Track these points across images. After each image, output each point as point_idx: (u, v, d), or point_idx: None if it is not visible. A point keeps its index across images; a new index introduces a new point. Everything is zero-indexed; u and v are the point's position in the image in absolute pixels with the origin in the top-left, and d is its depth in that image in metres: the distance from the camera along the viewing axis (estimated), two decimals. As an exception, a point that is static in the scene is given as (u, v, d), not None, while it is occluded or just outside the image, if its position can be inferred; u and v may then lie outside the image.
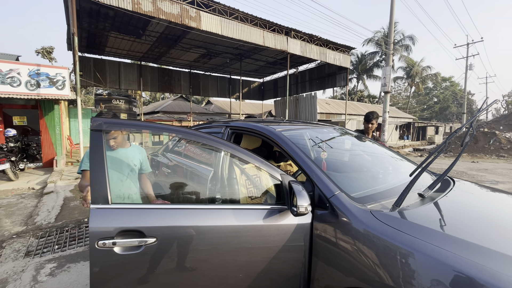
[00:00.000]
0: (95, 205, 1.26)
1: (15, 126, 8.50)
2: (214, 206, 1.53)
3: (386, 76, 12.78)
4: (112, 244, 1.22)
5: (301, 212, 1.31)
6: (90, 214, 1.24)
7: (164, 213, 1.34)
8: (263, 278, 1.42)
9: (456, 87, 45.52)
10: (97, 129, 1.34)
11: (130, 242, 1.25)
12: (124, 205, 1.35)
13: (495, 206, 1.70)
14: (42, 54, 16.09)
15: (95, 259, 1.23)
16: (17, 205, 4.88)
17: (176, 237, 1.31)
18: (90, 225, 1.23)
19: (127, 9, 8.55)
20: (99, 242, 1.21)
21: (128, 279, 1.29)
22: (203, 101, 35.25)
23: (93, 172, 1.30)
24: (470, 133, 1.66)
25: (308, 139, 2.04)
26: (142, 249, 1.26)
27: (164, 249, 1.29)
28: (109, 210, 1.27)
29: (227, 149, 1.65)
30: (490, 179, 7.55)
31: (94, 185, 1.28)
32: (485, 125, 17.51)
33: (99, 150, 1.32)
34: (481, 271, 0.93)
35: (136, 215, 1.30)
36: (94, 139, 1.33)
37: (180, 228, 1.32)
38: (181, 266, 1.34)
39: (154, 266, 1.29)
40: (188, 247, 1.33)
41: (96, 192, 1.27)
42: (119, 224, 1.26)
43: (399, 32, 31.64)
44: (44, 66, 7.93)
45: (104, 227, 1.24)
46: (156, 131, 2.06)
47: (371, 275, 1.15)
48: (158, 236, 1.28)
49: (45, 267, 2.73)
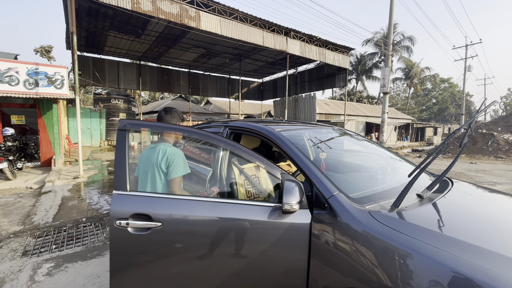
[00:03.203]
0: (116, 191, 1.49)
1: (13, 125, 8.48)
2: (213, 199, 1.59)
3: (385, 77, 12.82)
4: (126, 224, 1.43)
5: (287, 210, 1.31)
6: (112, 198, 1.48)
7: (169, 202, 1.51)
8: (257, 272, 1.45)
9: (454, 89, 45.70)
10: (123, 129, 1.55)
11: (140, 224, 1.44)
12: (138, 192, 1.57)
13: (493, 207, 1.70)
14: (41, 53, 16.04)
15: (114, 236, 1.45)
16: (14, 204, 4.86)
17: (179, 223, 1.47)
18: (111, 207, 1.46)
19: (126, 8, 8.54)
20: (116, 221, 1.43)
21: (139, 256, 1.48)
22: (202, 101, 35.24)
23: (117, 164, 1.51)
24: (468, 134, 1.66)
25: (307, 140, 2.04)
26: (150, 231, 1.44)
27: (168, 233, 1.45)
28: (126, 196, 1.49)
29: (232, 149, 1.72)
30: (488, 180, 7.58)
31: (117, 175, 1.51)
32: (483, 126, 17.58)
33: (123, 147, 1.54)
34: (479, 272, 0.93)
35: (146, 202, 1.50)
36: (120, 137, 1.55)
37: (182, 216, 1.47)
38: (183, 251, 1.48)
39: (160, 247, 1.46)
40: (189, 234, 1.47)
41: (118, 181, 1.49)
42: (132, 208, 1.46)
43: (398, 33, 31.74)
44: (42, 65, 7.90)
45: (121, 209, 1.45)
46: (174, 132, 1.94)
47: (369, 276, 1.15)
48: (163, 221, 1.44)
49: (42, 267, 2.71)
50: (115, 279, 1.50)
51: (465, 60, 28.14)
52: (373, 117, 26.89)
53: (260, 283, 1.48)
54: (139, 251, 1.47)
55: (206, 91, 21.32)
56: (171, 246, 1.47)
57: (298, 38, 13.39)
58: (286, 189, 1.34)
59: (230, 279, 1.48)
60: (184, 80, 19.85)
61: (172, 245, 1.47)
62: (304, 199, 1.41)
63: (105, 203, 4.97)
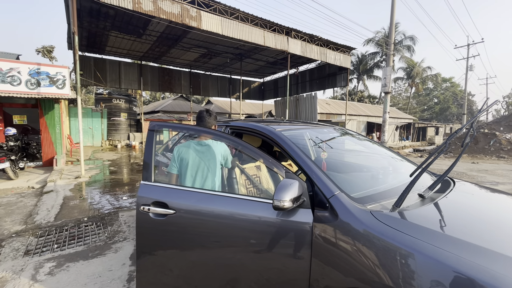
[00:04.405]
0: (143, 181, 1.75)
1: (15, 125, 8.50)
2: (221, 193, 1.71)
3: (386, 77, 12.79)
4: (147, 210, 1.66)
5: (276, 206, 1.30)
6: (140, 187, 1.75)
7: (182, 193, 1.71)
8: (259, 269, 1.48)
9: (456, 88, 45.49)
10: (152, 129, 1.84)
11: (158, 210, 1.65)
12: (159, 183, 1.77)
13: (496, 207, 1.70)
14: (43, 53, 16.10)
15: (139, 220, 1.71)
16: (16, 204, 4.88)
17: (189, 212, 1.64)
18: (138, 194, 1.73)
19: (127, 8, 8.55)
20: (141, 207, 1.68)
21: (158, 238, 1.71)
22: (203, 100, 35.26)
23: (146, 159, 1.79)
24: (470, 134, 1.65)
25: (308, 139, 2.04)
26: (166, 218, 1.65)
27: (180, 220, 1.64)
28: (150, 186, 1.74)
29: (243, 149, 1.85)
30: (490, 180, 7.55)
31: (145, 167, 1.78)
32: (485, 126, 17.50)
33: (151, 144, 1.81)
34: (481, 272, 0.92)
35: (164, 192, 1.73)
36: (148, 137, 1.83)
37: (192, 206, 1.65)
38: (191, 237, 1.65)
39: (173, 232, 1.67)
40: (197, 222, 1.64)
41: (146, 173, 1.77)
42: (153, 196, 1.70)
43: (400, 32, 31.63)
44: (44, 65, 7.92)
45: (145, 197, 1.71)
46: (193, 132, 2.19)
47: (370, 276, 1.14)
48: (176, 209, 1.63)
49: (44, 266, 2.72)
50: (139, 254, 1.74)
51: (467, 60, 28.04)
52: (375, 116, 26.82)
53: (261, 281, 1.48)
54: (158, 233, 1.70)
55: (207, 91, 21.32)
56: (182, 233, 1.65)
57: (299, 38, 13.37)
58: (280, 186, 1.34)
59: (231, 271, 1.55)
60: (185, 80, 19.86)
61: (183, 232, 1.65)
62: (307, 198, 1.41)
63: (106, 203, 4.99)
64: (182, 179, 1.91)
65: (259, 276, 1.48)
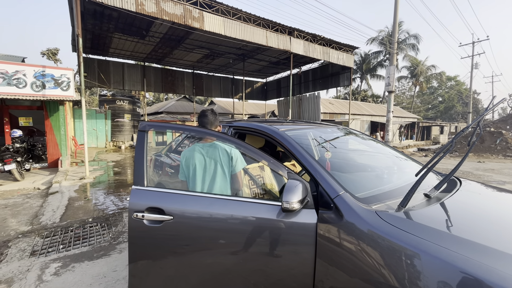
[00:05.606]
0: (135, 186, 1.60)
1: (21, 127, 8.60)
2: (219, 196, 1.61)
3: (390, 76, 12.70)
4: (141, 217, 1.53)
5: (285, 208, 1.31)
6: (131, 192, 1.59)
7: (179, 197, 1.60)
8: (262, 270, 1.46)
9: (461, 86, 45.01)
10: (142, 130, 1.67)
11: (154, 217, 1.53)
12: (153, 188, 1.63)
13: (503, 207, 1.67)
14: (48, 56, 16.26)
15: (132, 227, 1.56)
16: (22, 205, 4.94)
17: (188, 218, 1.54)
18: (130, 201, 1.57)
19: (130, 10, 8.60)
20: (133, 214, 1.54)
21: (153, 247, 1.58)
22: (206, 101, 35.37)
23: (137, 162, 1.63)
24: (477, 133, 1.63)
25: (311, 139, 2.03)
26: (162, 224, 1.53)
27: (179, 226, 1.53)
28: (143, 191, 1.60)
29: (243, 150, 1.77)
30: (497, 179, 7.45)
31: (136, 171, 1.62)
32: (491, 124, 17.29)
33: (142, 146, 1.65)
34: (489, 273, 0.91)
35: (159, 196, 1.59)
36: (139, 138, 1.67)
37: (191, 211, 1.55)
38: (191, 244, 1.56)
39: (171, 239, 1.56)
40: (197, 228, 1.54)
41: (137, 177, 1.61)
42: (147, 202, 1.57)
43: (403, 31, 31.43)
44: (49, 68, 8.00)
45: (138, 203, 1.57)
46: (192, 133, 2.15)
47: (376, 276, 1.13)
48: (174, 215, 1.52)
49: (50, 267, 2.75)
50: (133, 266, 1.60)
51: (472, 58, 27.74)
52: (378, 116, 26.66)
53: (266, 282, 1.47)
54: (153, 241, 1.57)
55: (210, 92, 21.37)
56: (181, 239, 1.55)
57: (302, 38, 13.34)
58: (287, 188, 1.34)
59: (234, 275, 1.50)
60: (188, 80, 19.93)
61: (182, 238, 1.55)
62: (310, 199, 1.40)
63: (110, 204, 5.02)
64: (190, 183, 1.87)
65: (263, 279, 1.47)
